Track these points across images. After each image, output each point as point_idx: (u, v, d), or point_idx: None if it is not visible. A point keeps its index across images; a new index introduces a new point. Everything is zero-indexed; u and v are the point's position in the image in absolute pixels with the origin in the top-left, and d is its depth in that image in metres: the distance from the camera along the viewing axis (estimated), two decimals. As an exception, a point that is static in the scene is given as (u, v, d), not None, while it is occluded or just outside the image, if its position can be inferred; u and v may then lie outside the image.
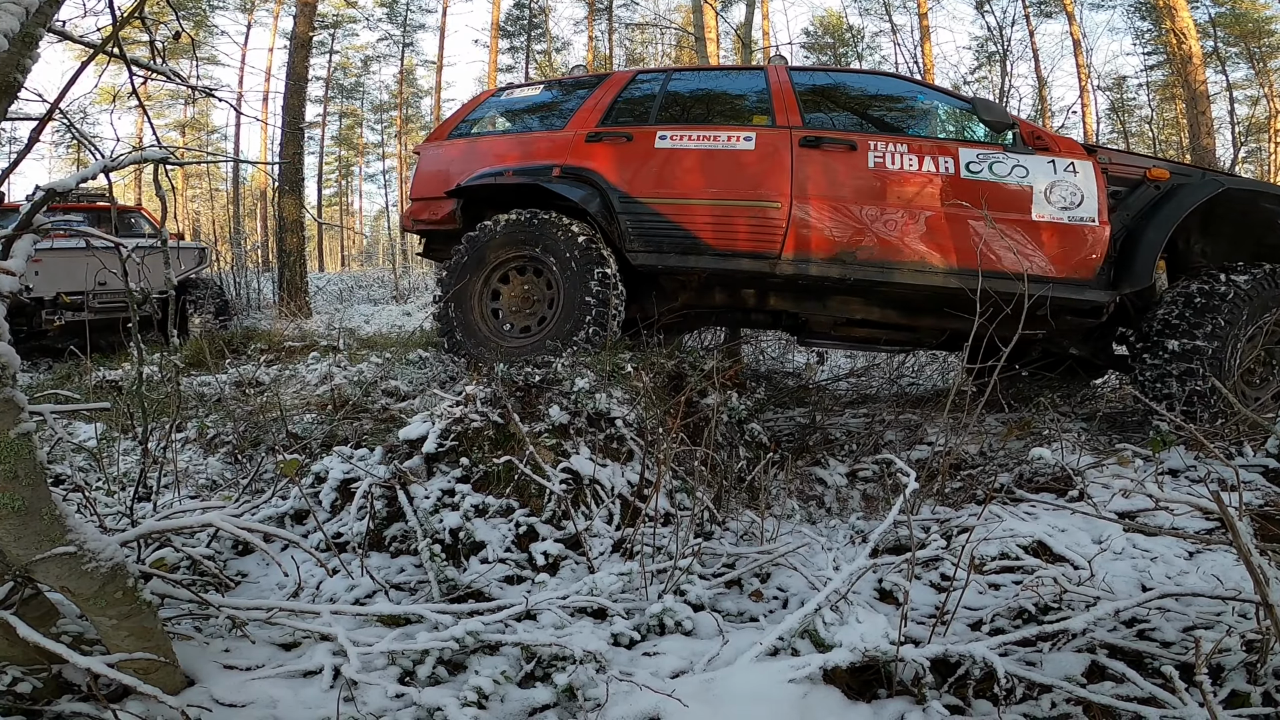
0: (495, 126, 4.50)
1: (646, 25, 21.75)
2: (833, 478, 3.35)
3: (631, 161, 3.86)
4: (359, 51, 29.92)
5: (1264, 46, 20.43)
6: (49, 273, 7.17)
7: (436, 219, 4.22)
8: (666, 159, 3.82)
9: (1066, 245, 3.41)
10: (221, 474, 3.27)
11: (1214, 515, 2.36)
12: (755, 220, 3.65)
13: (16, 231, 1.54)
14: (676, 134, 3.85)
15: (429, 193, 4.25)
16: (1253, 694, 1.63)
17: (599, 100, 4.14)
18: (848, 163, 3.61)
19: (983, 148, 3.56)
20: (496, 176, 3.96)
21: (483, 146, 4.26)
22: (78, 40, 2.22)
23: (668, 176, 3.79)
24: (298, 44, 11.03)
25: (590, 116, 4.08)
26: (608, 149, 3.92)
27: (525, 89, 4.70)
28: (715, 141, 3.78)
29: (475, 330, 3.88)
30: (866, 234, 3.53)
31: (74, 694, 1.65)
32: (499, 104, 4.61)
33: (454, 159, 4.25)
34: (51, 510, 1.44)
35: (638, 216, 3.76)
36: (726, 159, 3.74)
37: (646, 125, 3.98)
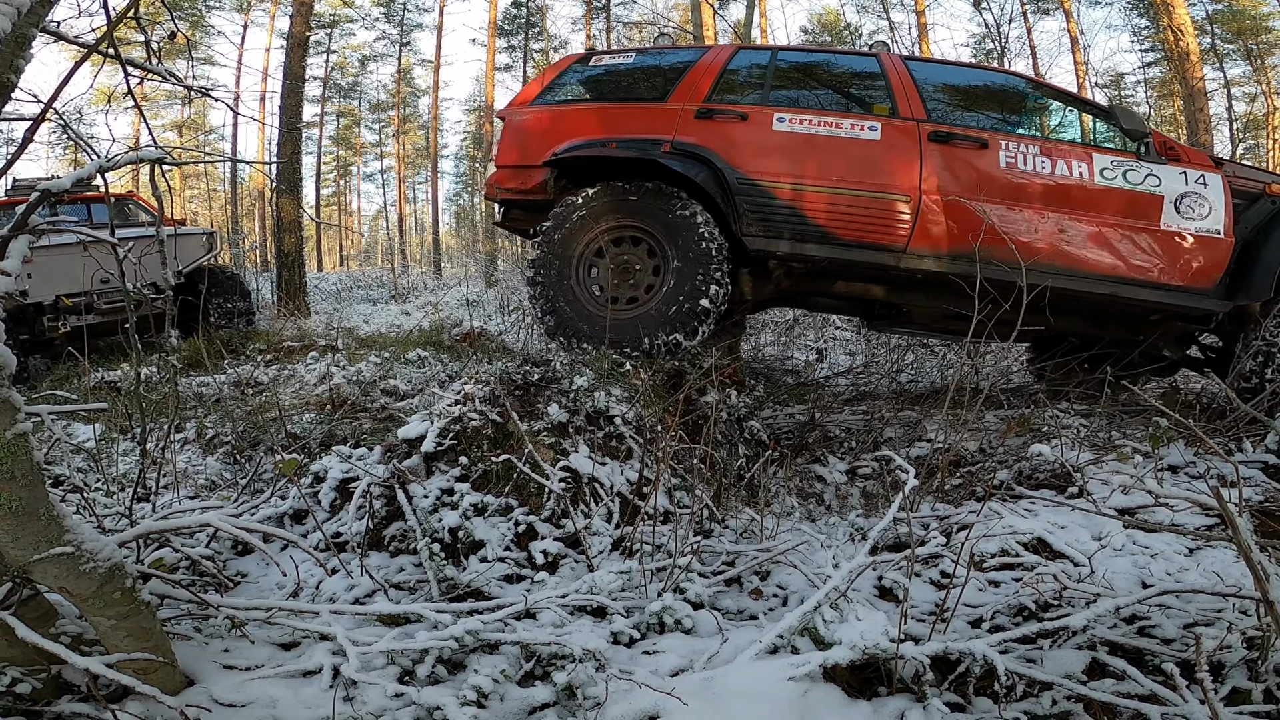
0: (582, 94, 4.34)
1: (644, 24, 21.72)
2: (832, 475, 3.35)
3: (748, 142, 3.77)
4: (356, 51, 29.86)
5: (1261, 43, 20.43)
6: (45, 274, 6.50)
7: (525, 188, 4.04)
8: (787, 142, 3.74)
9: (1191, 255, 3.46)
10: (220, 474, 3.27)
11: (1214, 511, 2.36)
12: (882, 212, 3.62)
13: (12, 232, 1.54)
14: (796, 117, 3.76)
15: (517, 160, 4.07)
16: (1254, 691, 1.63)
17: (702, 75, 4.02)
18: (979, 160, 3.61)
19: (1116, 155, 3.59)
20: (601, 147, 3.84)
21: (575, 115, 4.11)
22: (72, 40, 2.21)
23: (789, 160, 3.71)
24: (294, 44, 11.01)
25: (695, 92, 3.95)
26: (721, 127, 3.81)
27: (613, 56, 4.50)
28: (838, 129, 3.72)
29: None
30: (995, 233, 3.51)
31: (73, 694, 1.65)
32: (585, 71, 4.43)
33: (544, 126, 4.09)
34: (49, 511, 1.44)
35: (756, 199, 3.68)
36: (852, 147, 3.69)
37: (760, 105, 3.87)
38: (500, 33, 25.08)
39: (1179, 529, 2.17)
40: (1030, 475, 3.09)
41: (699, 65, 4.08)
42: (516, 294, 11.34)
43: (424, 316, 8.90)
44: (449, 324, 7.40)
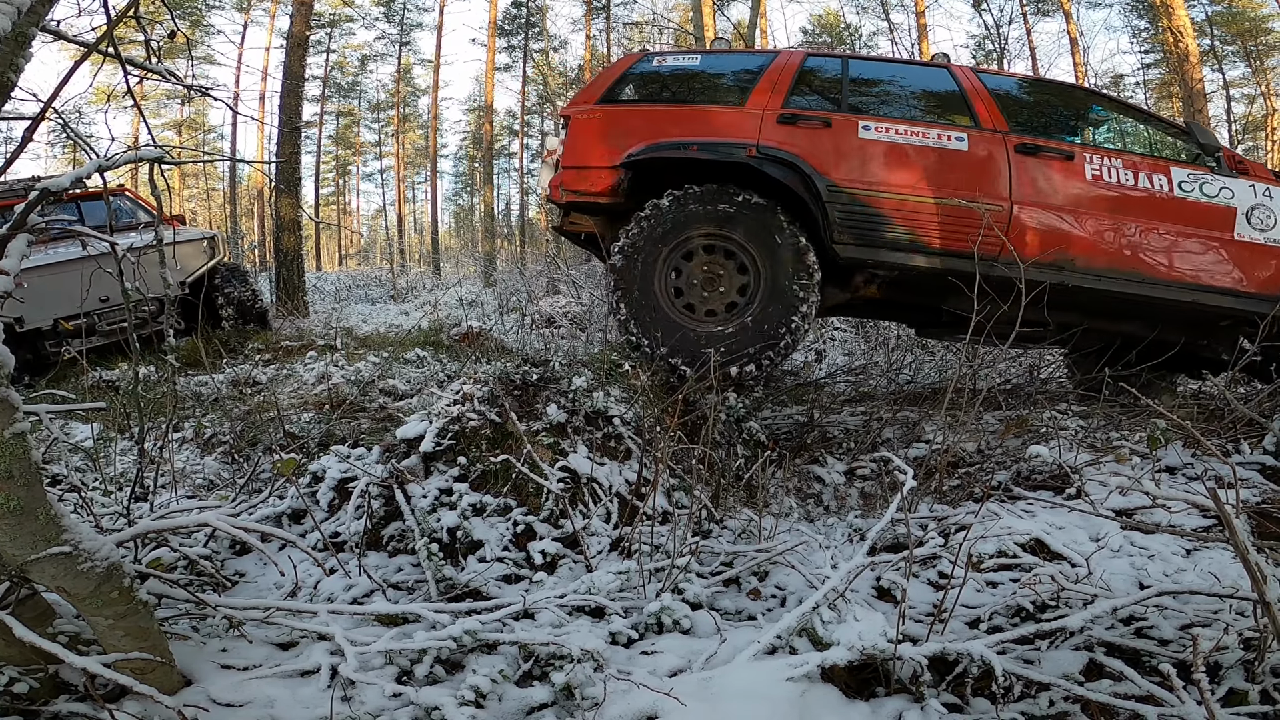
0: (649, 94, 4.26)
1: (644, 24, 21.73)
2: (831, 476, 3.35)
3: (835, 149, 3.75)
4: (356, 50, 29.85)
5: (1260, 44, 20.44)
6: (39, 296, 5.94)
7: (595, 190, 3.92)
8: (875, 150, 3.73)
9: (1261, 264, 3.61)
10: (218, 474, 3.27)
11: (1211, 513, 2.36)
12: (977, 221, 3.63)
13: (11, 232, 1.53)
14: (881, 126, 3.76)
15: (586, 161, 3.94)
16: (1250, 692, 1.64)
17: (777, 79, 3.97)
18: (1065, 172, 3.68)
19: (1191, 168, 3.69)
20: (681, 149, 3.76)
21: (646, 115, 4.02)
22: (71, 39, 2.21)
23: (878, 169, 3.71)
24: (294, 43, 11.01)
25: (772, 96, 3.90)
26: (806, 134, 3.77)
27: (678, 57, 4.44)
28: (924, 138, 3.73)
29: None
30: (1083, 242, 3.61)
31: (71, 694, 1.65)
32: (648, 71, 4.32)
33: (614, 127, 3.98)
34: (47, 510, 1.44)
35: (847, 207, 3.66)
36: (940, 157, 3.72)
37: (841, 113, 3.86)
38: (500, 32, 25.10)
39: (1176, 530, 2.18)
40: (1028, 476, 3.09)
41: (772, 69, 4.03)
42: (515, 294, 11.34)
43: (423, 316, 8.90)
44: (448, 324, 7.40)
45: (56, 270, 6.10)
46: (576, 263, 13.18)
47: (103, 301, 6.35)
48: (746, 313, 3.60)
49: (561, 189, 3.99)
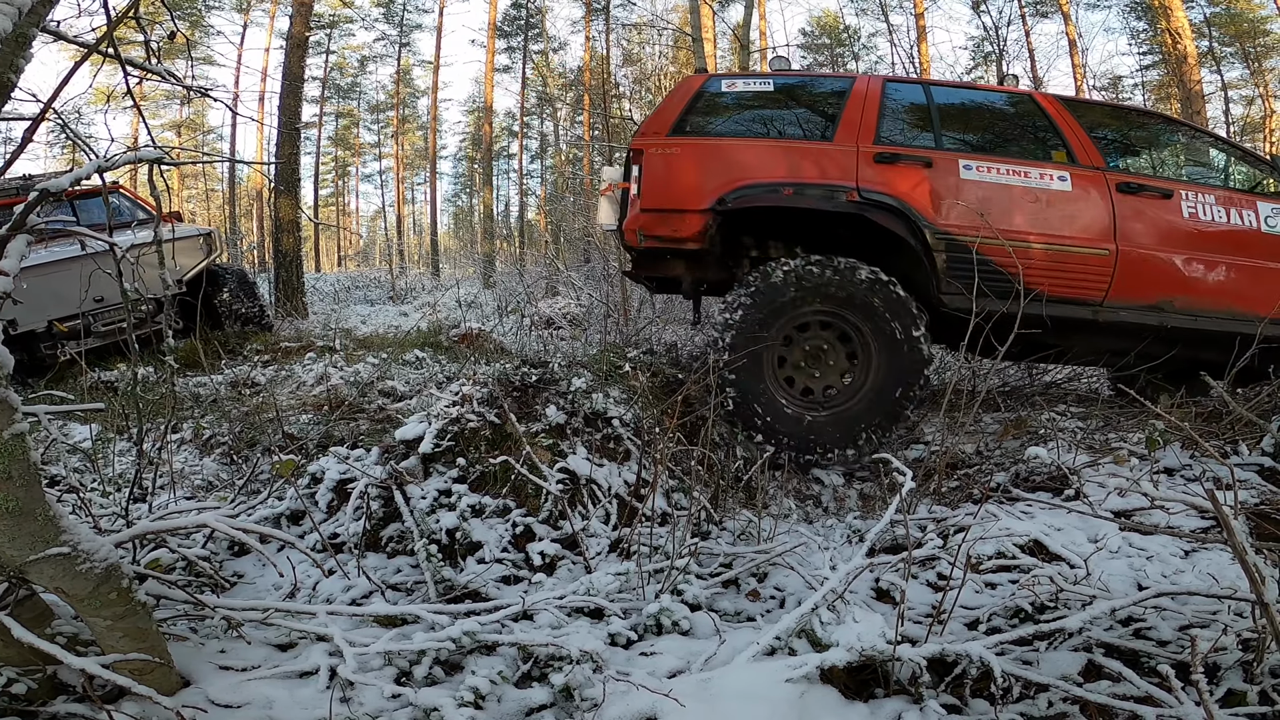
0: (725, 125, 3.96)
1: (644, 25, 21.74)
2: (830, 477, 3.36)
3: (938, 191, 3.55)
4: (355, 51, 29.86)
5: (1259, 46, 20.47)
6: (33, 298, 5.70)
7: (680, 236, 3.61)
8: (978, 192, 3.55)
9: None
10: (217, 475, 3.27)
11: (1209, 514, 2.37)
12: (1083, 266, 3.56)
13: (10, 232, 1.53)
14: (984, 165, 3.59)
15: (668, 204, 3.60)
16: (1249, 693, 1.64)
17: (862, 111, 3.73)
18: (1164, 210, 3.63)
19: (1274, 201, 3.69)
20: (774, 192, 3.52)
21: (728, 151, 3.72)
22: (72, 40, 2.21)
23: (985, 212, 3.52)
24: (294, 44, 11.01)
25: (862, 130, 3.67)
26: (907, 174, 3.56)
27: (747, 81, 4.07)
28: (1027, 178, 3.59)
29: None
30: (1181, 282, 3.57)
31: (69, 695, 1.65)
32: (719, 97, 4.00)
33: (695, 164, 3.67)
34: (46, 511, 1.44)
35: (954, 255, 3.49)
36: (1045, 198, 3.59)
37: (942, 150, 3.66)
38: (499, 34, 25.12)
39: (1175, 531, 2.18)
40: (1027, 478, 3.09)
41: (854, 99, 3.80)
42: (515, 295, 11.34)
43: (422, 317, 8.89)
44: (447, 325, 7.40)
45: (50, 270, 5.87)
46: (575, 264, 13.18)
47: (98, 302, 6.10)
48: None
49: (640, 234, 3.66)
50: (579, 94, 24.54)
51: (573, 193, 23.21)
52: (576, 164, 24.74)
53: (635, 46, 24.42)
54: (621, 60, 24.39)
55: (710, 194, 3.56)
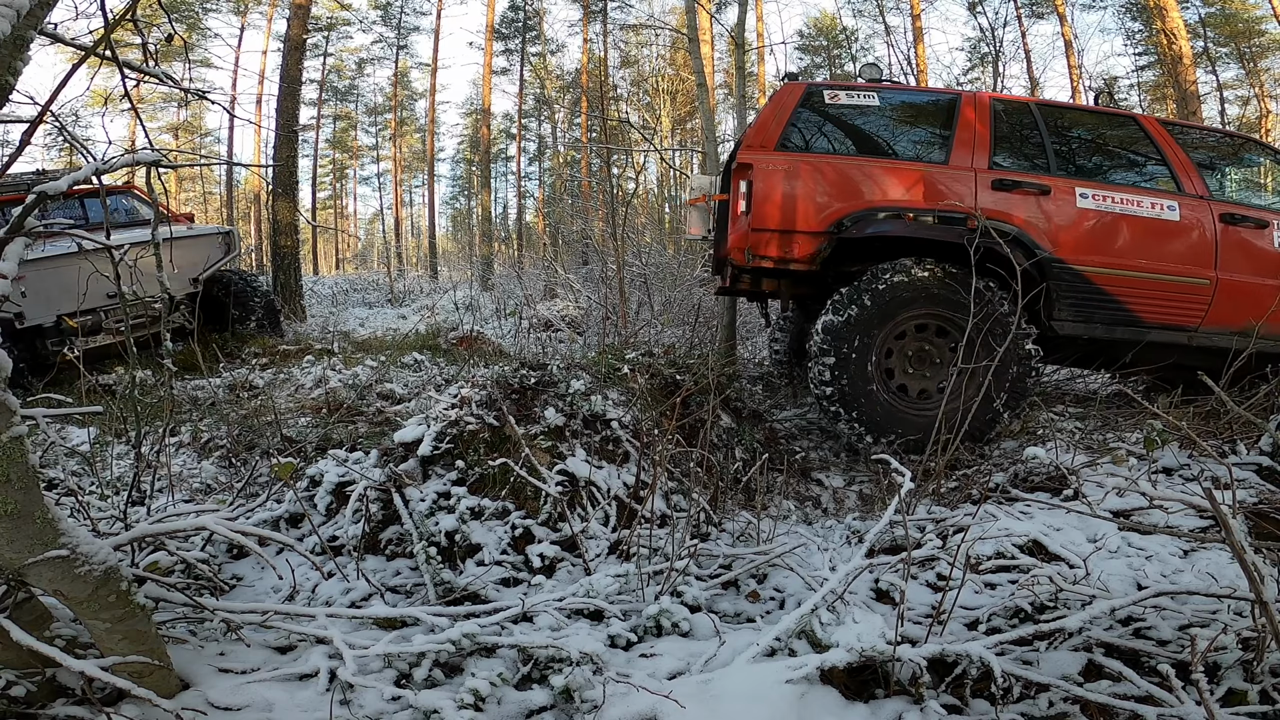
0: (833, 141, 3.92)
1: (641, 27, 21.77)
2: (829, 478, 3.36)
3: (1055, 220, 3.59)
4: (353, 54, 29.83)
5: (1254, 46, 20.52)
6: (40, 291, 5.54)
7: (791, 257, 3.60)
8: (1093, 221, 3.60)
9: None
10: (216, 478, 3.26)
11: (1208, 513, 2.37)
12: (1184, 294, 3.63)
13: (8, 235, 1.53)
14: (1099, 194, 3.63)
15: (780, 224, 3.60)
16: (1250, 692, 1.64)
17: (974, 130, 3.73)
18: (1258, 240, 3.72)
19: None
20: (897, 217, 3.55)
21: (841, 171, 3.69)
22: (69, 43, 2.21)
23: (1096, 241, 3.58)
24: (291, 46, 11.01)
25: (976, 153, 3.68)
26: (1024, 201, 3.60)
27: (849, 94, 3.97)
28: (1139, 207, 3.64)
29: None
30: (1265, 309, 3.63)
31: (68, 697, 1.64)
32: (823, 110, 3.94)
33: (807, 183, 3.64)
34: (44, 514, 1.43)
35: (1068, 283, 3.56)
36: (1155, 228, 3.64)
37: (1057, 177, 3.67)
38: (497, 36, 25.12)
39: (1174, 531, 2.18)
40: (1026, 478, 3.10)
41: (964, 118, 3.78)
42: (513, 298, 11.34)
43: (420, 320, 8.89)
44: (445, 328, 7.39)
45: (61, 264, 5.63)
46: (574, 267, 13.19)
47: (110, 298, 5.90)
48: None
49: (748, 253, 3.63)
50: (577, 96, 24.57)
51: (571, 195, 23.22)
52: (574, 166, 24.75)
53: (633, 48, 24.48)
54: (619, 62, 24.44)
55: (826, 217, 3.57)
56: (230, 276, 7.48)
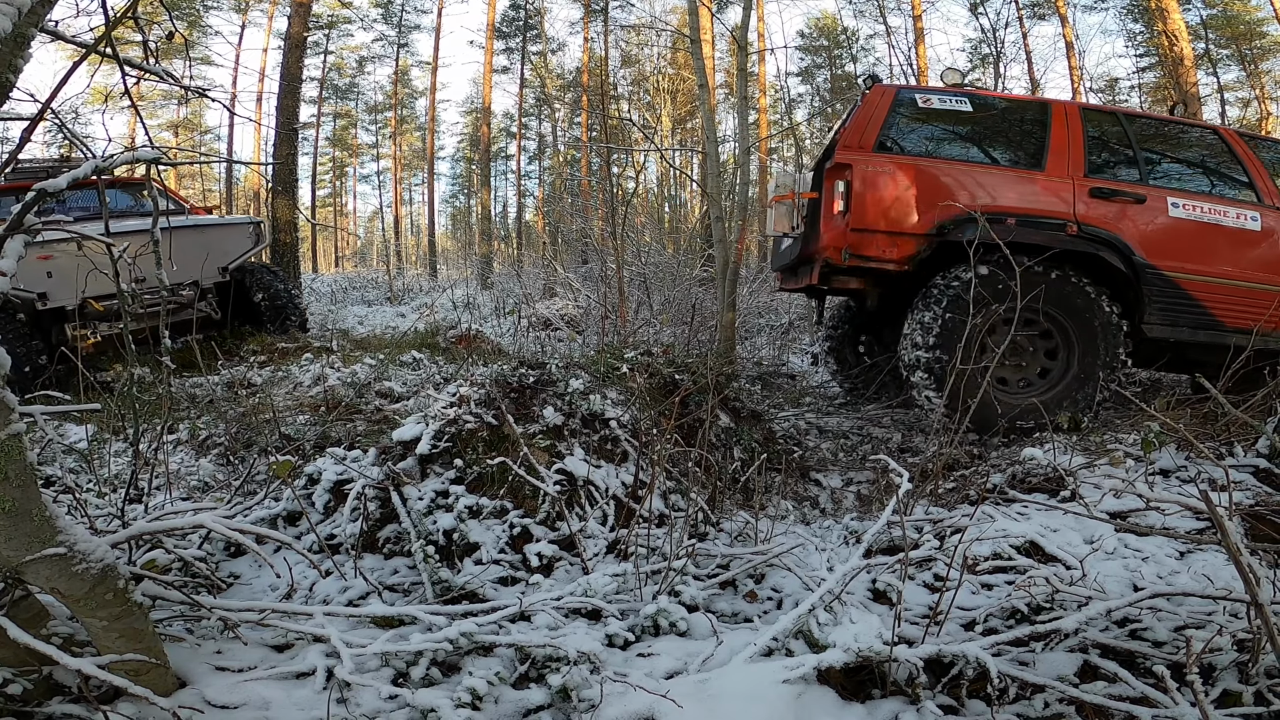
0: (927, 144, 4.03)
1: (642, 26, 21.75)
2: (827, 479, 3.36)
3: (1148, 227, 3.76)
4: (354, 52, 29.83)
5: (1255, 48, 20.54)
6: (68, 273, 5.27)
7: (889, 256, 3.73)
8: (1182, 229, 3.77)
9: None
10: (214, 476, 3.26)
11: (1204, 515, 2.37)
12: (1262, 300, 3.78)
13: (7, 232, 1.53)
14: (1189, 204, 3.81)
15: (881, 225, 3.72)
16: (1244, 693, 1.64)
17: (1068, 139, 3.87)
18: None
19: None
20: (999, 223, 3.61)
21: (944, 175, 3.81)
22: (70, 40, 2.21)
23: (1186, 249, 3.76)
24: (292, 44, 11.01)
25: (1072, 160, 3.83)
26: (1121, 209, 3.76)
27: (941, 98, 4.10)
28: (1225, 217, 3.81)
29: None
30: None
31: (65, 695, 1.64)
32: (914, 112, 4.07)
33: (908, 185, 3.76)
34: (42, 511, 1.44)
35: (1160, 288, 3.73)
36: (1239, 237, 3.81)
37: (1151, 187, 3.83)
38: (498, 35, 25.13)
39: (1170, 532, 2.18)
40: (1023, 479, 3.10)
41: (1056, 125, 3.92)
42: (512, 296, 11.34)
43: (419, 318, 8.88)
44: (444, 326, 7.39)
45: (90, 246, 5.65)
46: (573, 266, 13.19)
47: (139, 282, 5.62)
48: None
49: (846, 252, 3.73)
50: (577, 95, 24.55)
51: (571, 194, 23.21)
52: (574, 165, 24.74)
53: (634, 48, 24.46)
54: (620, 62, 24.43)
55: (928, 220, 3.70)
56: (260, 268, 7.27)
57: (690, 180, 16.12)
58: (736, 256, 6.43)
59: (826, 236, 3.83)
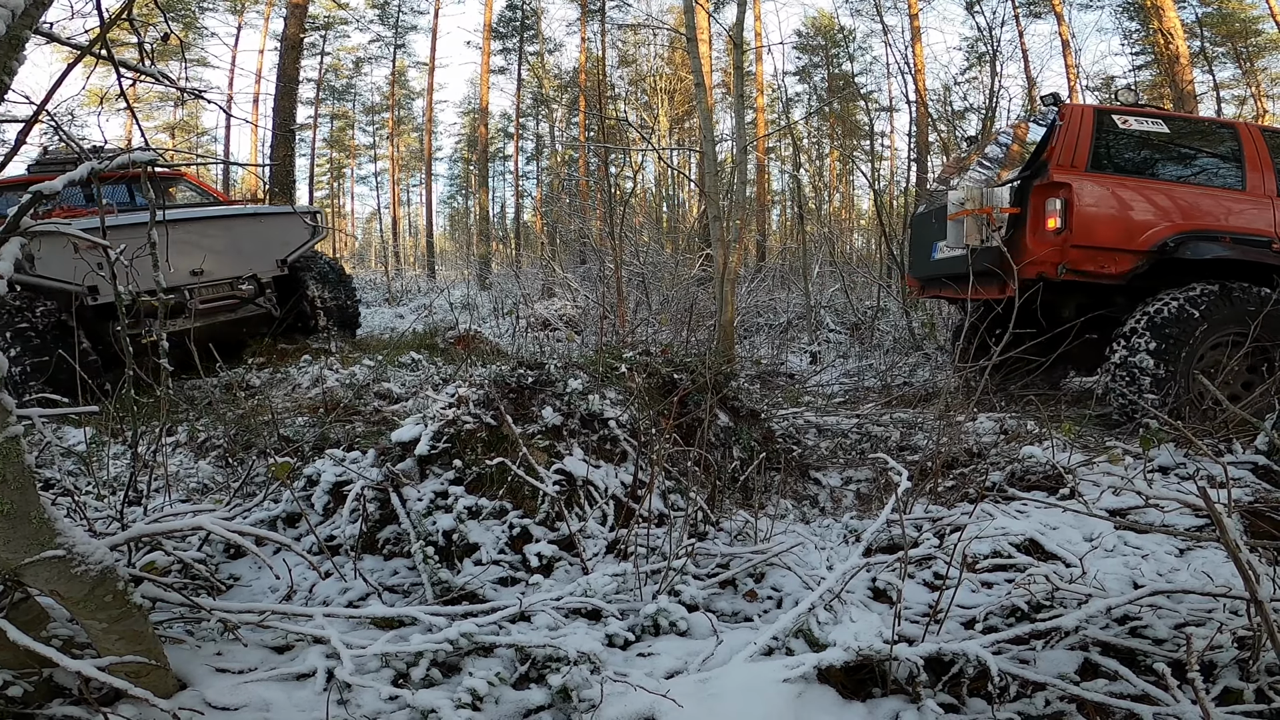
0: (1133, 163, 4.23)
1: (639, 26, 21.76)
2: (827, 478, 3.36)
3: None
4: (350, 53, 29.77)
5: (1251, 46, 20.55)
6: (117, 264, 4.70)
7: (1105, 272, 3.98)
8: None
9: None
10: (212, 478, 3.26)
11: (1203, 512, 2.37)
12: None
13: (4, 234, 1.53)
14: None
15: (1102, 242, 3.96)
16: (1245, 690, 1.64)
17: (1259, 159, 4.09)
18: None
19: None
20: (1215, 241, 3.93)
21: (1161, 195, 4.06)
22: (65, 42, 2.20)
23: None
24: (288, 46, 11.00)
25: (1265, 180, 4.07)
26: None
27: (1139, 120, 4.33)
28: None
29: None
30: None
31: (65, 697, 1.64)
32: (1116, 132, 4.28)
33: (1130, 205, 4.01)
34: (40, 514, 1.43)
35: None
36: None
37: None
38: (495, 35, 25.09)
39: (1169, 530, 2.18)
40: (1022, 477, 3.10)
41: (1247, 146, 4.15)
42: (511, 297, 11.34)
43: (417, 319, 8.88)
44: (443, 327, 7.39)
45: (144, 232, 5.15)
46: (571, 266, 13.19)
47: (195, 275, 5.23)
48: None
49: (1063, 267, 3.95)
50: (574, 95, 24.54)
51: (569, 194, 23.20)
52: (572, 165, 24.73)
53: (630, 48, 24.47)
54: (617, 61, 24.43)
55: (1149, 237, 3.91)
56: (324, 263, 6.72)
57: (688, 180, 16.13)
58: (735, 256, 6.43)
59: (1040, 251, 4.03)
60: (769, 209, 23.76)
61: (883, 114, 24.00)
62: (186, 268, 5.19)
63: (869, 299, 10.32)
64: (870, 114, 22.38)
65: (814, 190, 21.49)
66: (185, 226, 5.15)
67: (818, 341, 8.50)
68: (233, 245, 5.54)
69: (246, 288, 5.78)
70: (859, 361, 7.34)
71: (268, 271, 5.97)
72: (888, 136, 24.57)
